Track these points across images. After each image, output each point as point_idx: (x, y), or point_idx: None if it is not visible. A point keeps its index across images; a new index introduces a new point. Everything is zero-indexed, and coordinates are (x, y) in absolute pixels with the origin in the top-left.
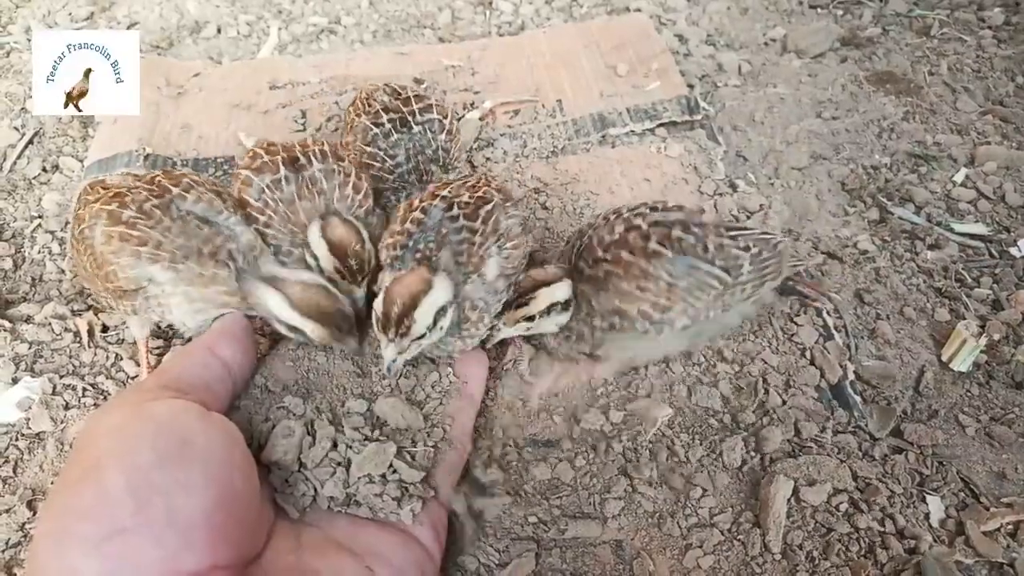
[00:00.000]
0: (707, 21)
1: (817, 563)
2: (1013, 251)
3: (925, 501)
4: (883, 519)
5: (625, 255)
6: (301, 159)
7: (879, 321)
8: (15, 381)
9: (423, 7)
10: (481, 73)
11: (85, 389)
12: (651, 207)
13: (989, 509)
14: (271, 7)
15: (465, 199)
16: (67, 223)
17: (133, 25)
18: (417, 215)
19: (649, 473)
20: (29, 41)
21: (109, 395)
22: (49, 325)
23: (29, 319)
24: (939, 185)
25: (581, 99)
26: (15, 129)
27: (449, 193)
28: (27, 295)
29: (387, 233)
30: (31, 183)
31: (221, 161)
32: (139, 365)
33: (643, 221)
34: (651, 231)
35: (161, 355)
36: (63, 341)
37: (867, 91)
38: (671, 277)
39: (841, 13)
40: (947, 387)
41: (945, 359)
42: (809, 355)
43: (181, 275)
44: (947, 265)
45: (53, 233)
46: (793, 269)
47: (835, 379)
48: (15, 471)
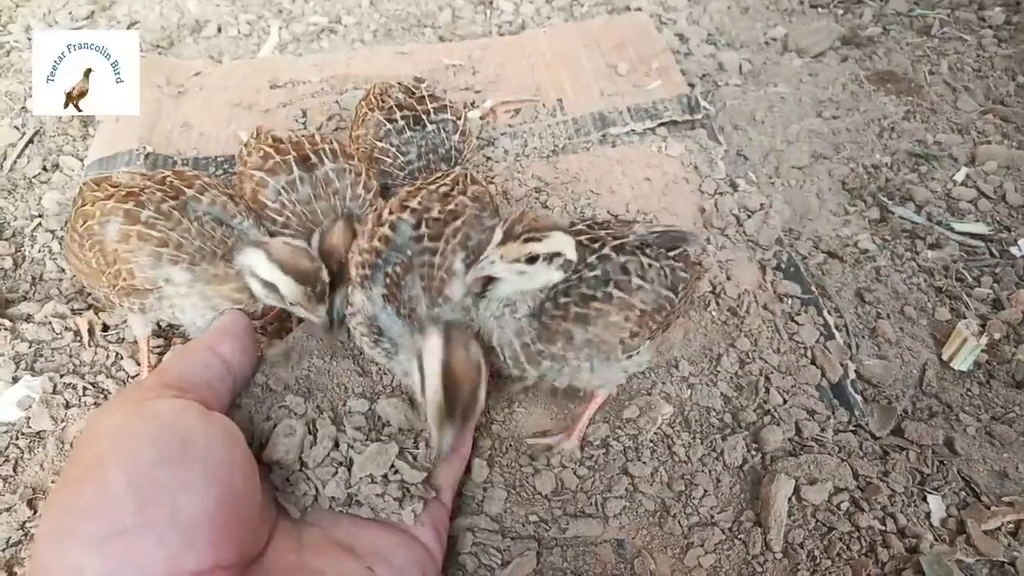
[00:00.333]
0: (708, 20)
1: (818, 562)
2: (1013, 250)
3: (926, 500)
4: (884, 518)
5: (616, 293)
6: (312, 158)
7: (880, 320)
8: (15, 380)
9: (424, 6)
10: (482, 72)
11: (85, 388)
12: (588, 225)
13: (990, 508)
14: (271, 6)
15: (435, 214)
16: (67, 222)
17: (133, 24)
18: (386, 232)
19: (650, 472)
20: (29, 40)
21: (109, 394)
22: (49, 324)
23: (29, 318)
24: (940, 184)
25: (582, 98)
26: (15, 128)
27: (420, 205)
28: (27, 294)
29: (355, 248)
30: (31, 182)
31: (221, 160)
32: (140, 364)
33: (608, 248)
34: (626, 263)
35: (162, 354)
36: (63, 340)
37: (868, 90)
38: (642, 304)
39: (842, 12)
40: (948, 386)
41: (946, 358)
42: (810, 354)
43: (198, 276)
44: (948, 264)
45: (53, 232)
46: (697, 270)
47: (836, 378)
48: (15, 470)
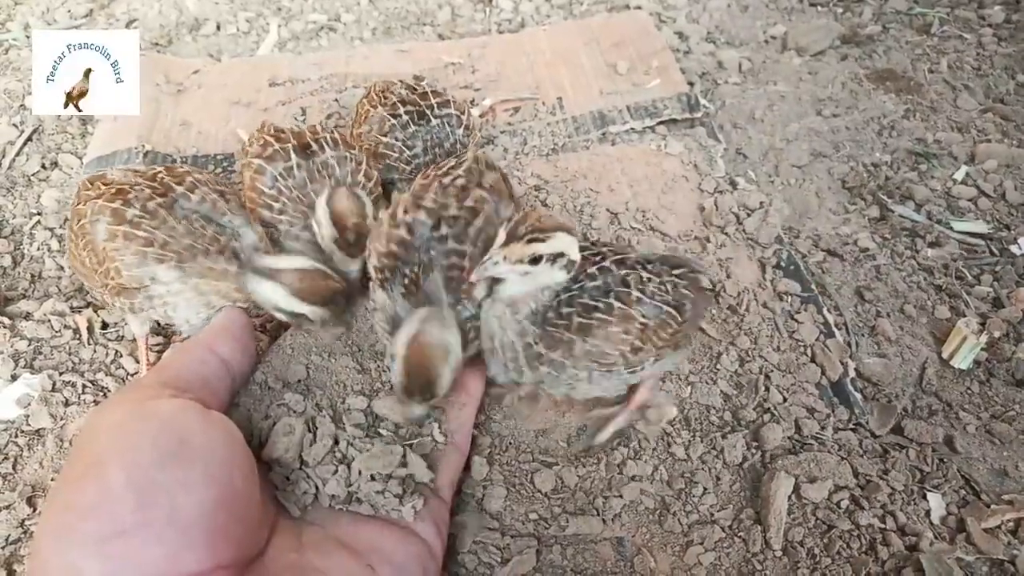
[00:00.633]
0: (707, 18)
1: (818, 560)
2: (1013, 249)
3: (926, 498)
4: (884, 516)
5: (616, 304)
6: (313, 145)
7: (879, 319)
8: (14, 378)
9: (423, 4)
10: (481, 71)
11: (84, 386)
12: (590, 243)
13: (990, 506)
14: (271, 4)
15: (453, 211)
16: (66, 220)
17: (132, 22)
18: (402, 235)
19: (650, 470)
20: (28, 38)
21: (108, 392)
22: (48, 322)
23: (28, 316)
24: (939, 183)
25: (581, 97)
26: (14, 126)
27: (435, 203)
28: (26, 292)
29: (373, 249)
30: (30, 180)
31: (221, 158)
32: (138, 362)
33: (608, 262)
34: (627, 276)
35: (161, 352)
36: (62, 338)
37: (867, 89)
38: (643, 318)
39: (841, 11)
40: (948, 384)
41: (946, 356)
42: (810, 352)
43: (189, 272)
44: (947, 263)
45: (52, 230)
46: (709, 299)
47: (836, 376)
48: (15, 468)
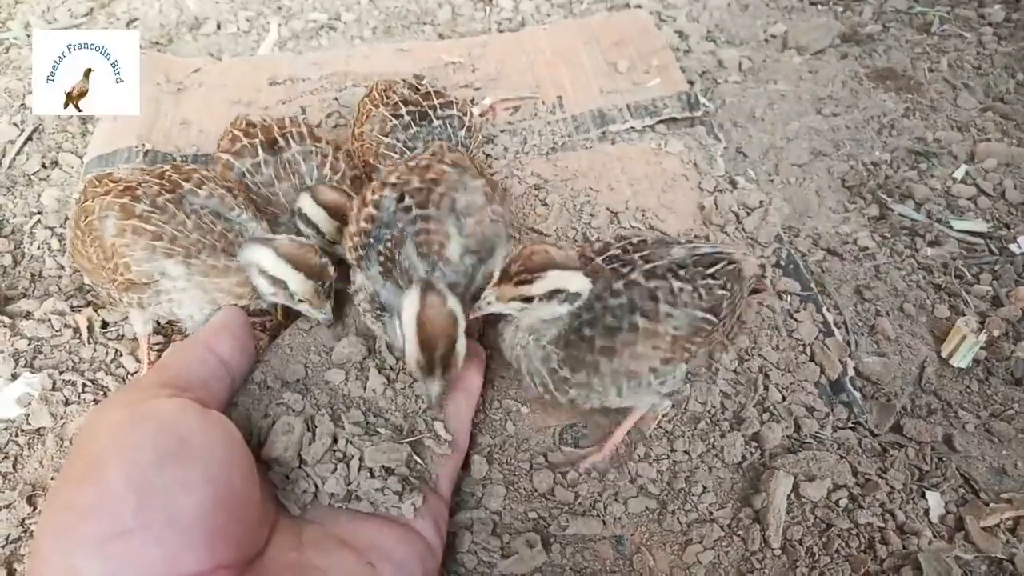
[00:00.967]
0: (707, 17)
1: (817, 558)
2: (1013, 248)
3: (925, 497)
4: (883, 515)
5: (642, 322)
6: (280, 140)
7: (879, 317)
8: (15, 377)
9: (423, 4)
10: (481, 70)
11: (85, 385)
12: (620, 247)
13: (989, 505)
14: (271, 3)
15: (416, 184)
16: (66, 219)
17: (133, 21)
18: (370, 211)
19: (649, 469)
20: (28, 37)
21: (109, 391)
22: (48, 321)
23: (28, 315)
24: (939, 182)
25: (581, 95)
26: (14, 125)
27: (399, 180)
28: (26, 291)
29: (347, 233)
30: (30, 179)
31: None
32: (139, 361)
33: (636, 273)
34: (655, 289)
35: (162, 351)
36: (63, 337)
37: (867, 88)
38: (675, 330)
39: (841, 9)
40: (947, 383)
41: (945, 355)
42: (809, 351)
43: (195, 268)
44: (947, 262)
45: (52, 229)
46: (751, 283)
47: (835, 375)
48: (15, 467)
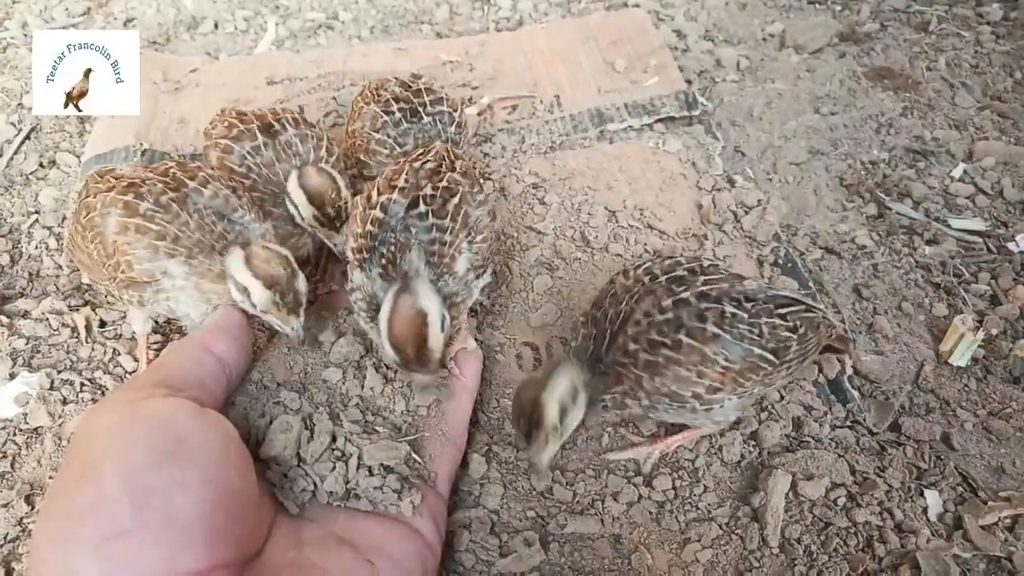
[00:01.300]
0: (705, 16)
1: (815, 557)
2: (1011, 246)
3: (923, 495)
4: (881, 513)
5: (686, 340)
6: (275, 125)
7: (877, 316)
8: (12, 376)
9: (421, 3)
10: (479, 69)
11: (83, 384)
12: (687, 268)
13: (987, 503)
14: (269, 2)
15: (429, 191)
16: (64, 218)
17: (130, 21)
18: (377, 214)
19: (648, 468)
20: (26, 37)
21: (107, 390)
22: (46, 320)
23: (26, 314)
24: (937, 180)
25: (579, 95)
26: (12, 125)
27: (407, 184)
28: (24, 290)
29: (350, 233)
30: (28, 179)
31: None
32: (137, 360)
33: (689, 293)
34: (705, 311)
35: (159, 350)
36: (60, 336)
37: (865, 87)
38: (727, 361)
39: (839, 8)
40: (945, 382)
41: (943, 354)
42: None
43: (194, 269)
44: (945, 260)
45: (50, 228)
46: (829, 338)
47: (833, 374)
48: (13, 466)
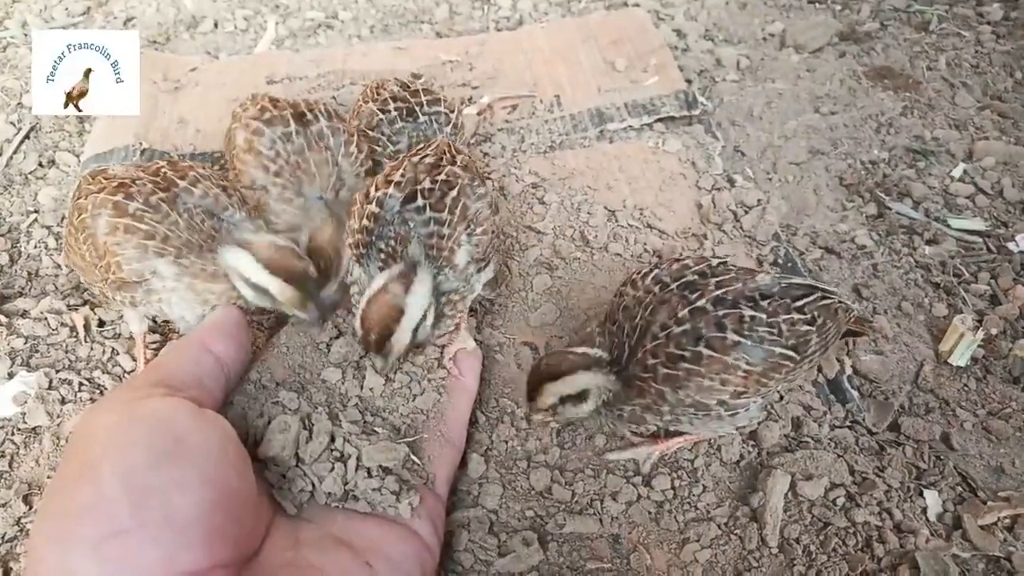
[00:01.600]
0: (705, 16)
1: (814, 557)
2: (1011, 246)
3: (922, 495)
4: (880, 513)
5: (706, 352)
6: (308, 115)
7: (877, 316)
8: (11, 376)
9: (421, 2)
10: (479, 68)
11: (81, 384)
12: (696, 271)
13: (986, 503)
14: (268, 2)
15: (427, 185)
16: (63, 218)
17: (130, 20)
18: (372, 209)
19: (647, 468)
20: (26, 36)
21: (105, 390)
22: (45, 320)
23: (25, 314)
24: (937, 180)
25: (579, 94)
26: (11, 124)
27: (404, 177)
28: (23, 290)
29: (349, 229)
30: (27, 178)
31: (218, 156)
32: (135, 359)
33: (705, 300)
34: (723, 318)
35: (157, 350)
36: (59, 336)
37: (865, 86)
38: (748, 365)
39: (839, 8)
40: (944, 381)
41: (943, 354)
42: None
43: (186, 269)
44: (945, 260)
45: (49, 228)
46: (848, 322)
47: (832, 374)
48: (11, 466)
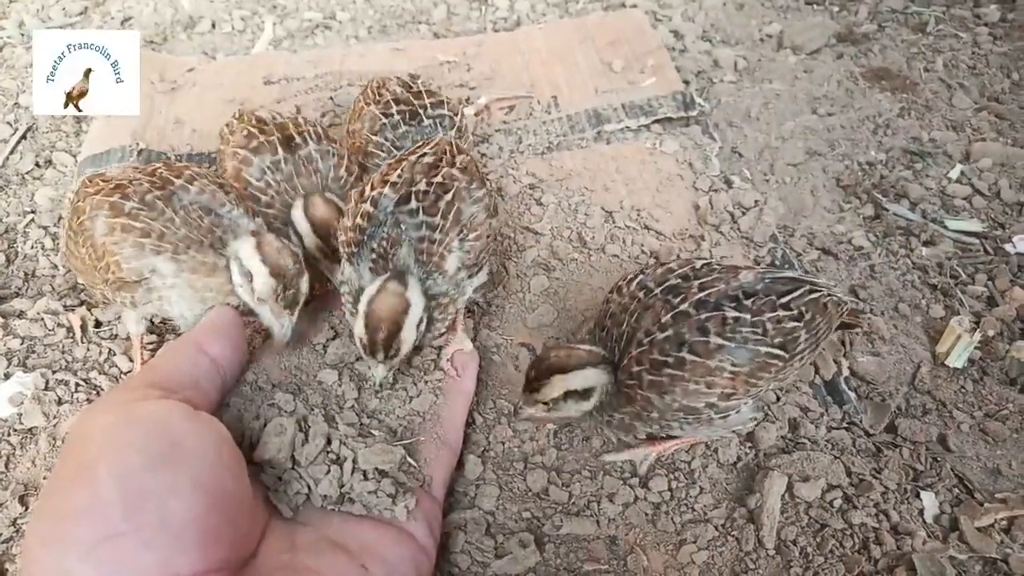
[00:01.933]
0: (703, 17)
1: (811, 558)
2: (1008, 247)
3: (919, 497)
4: (877, 515)
5: (689, 357)
6: (296, 139)
7: (874, 317)
8: (7, 376)
9: (419, 3)
10: (476, 69)
11: (78, 384)
12: (680, 274)
13: (983, 505)
14: (266, 2)
15: (423, 188)
16: (60, 218)
17: (127, 20)
18: (367, 208)
19: (644, 469)
20: (23, 36)
21: (102, 390)
22: (42, 320)
23: (22, 314)
24: (934, 181)
25: (576, 95)
26: (8, 124)
27: (400, 177)
28: (20, 290)
29: (340, 228)
30: (24, 178)
31: (215, 156)
32: (132, 360)
33: (687, 304)
34: (706, 321)
35: (155, 350)
36: (56, 336)
37: (863, 87)
38: (734, 367)
39: (837, 9)
40: (941, 383)
41: (939, 355)
42: None
43: (184, 265)
44: (942, 261)
45: (46, 228)
46: (841, 316)
47: (830, 375)
48: (7, 466)
